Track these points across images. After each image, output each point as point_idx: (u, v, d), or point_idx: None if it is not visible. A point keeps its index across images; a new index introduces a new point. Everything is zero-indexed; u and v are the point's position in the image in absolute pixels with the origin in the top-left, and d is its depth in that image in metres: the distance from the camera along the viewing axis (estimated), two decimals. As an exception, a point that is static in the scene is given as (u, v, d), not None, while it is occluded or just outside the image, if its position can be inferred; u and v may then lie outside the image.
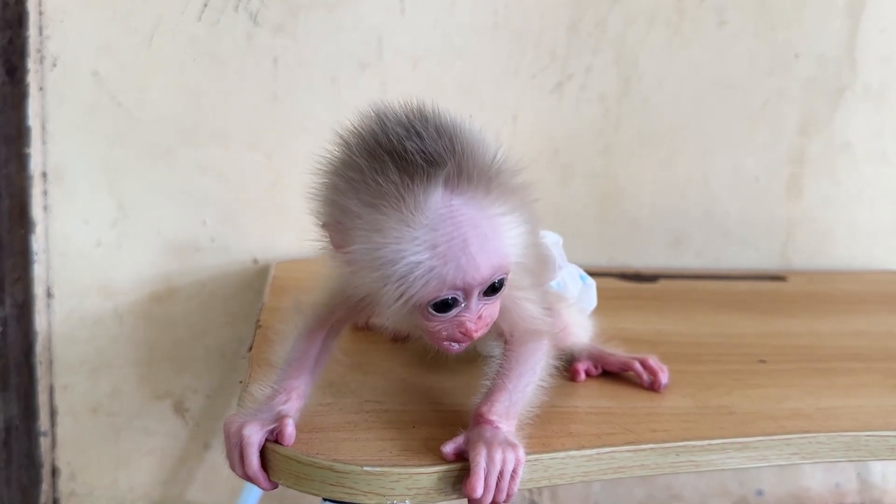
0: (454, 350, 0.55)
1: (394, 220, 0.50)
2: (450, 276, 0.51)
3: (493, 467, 0.51)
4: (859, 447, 0.62)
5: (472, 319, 0.53)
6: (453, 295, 0.52)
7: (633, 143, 1.06)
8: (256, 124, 0.96)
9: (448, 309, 0.53)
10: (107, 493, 1.02)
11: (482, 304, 0.54)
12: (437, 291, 0.51)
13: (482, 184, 0.51)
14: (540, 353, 0.58)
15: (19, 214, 0.93)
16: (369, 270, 0.52)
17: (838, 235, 1.13)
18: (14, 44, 0.89)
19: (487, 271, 0.52)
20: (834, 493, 1.16)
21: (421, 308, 0.53)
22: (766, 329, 0.86)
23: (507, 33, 1.00)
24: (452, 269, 0.50)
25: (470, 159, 0.50)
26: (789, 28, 1.06)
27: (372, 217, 0.50)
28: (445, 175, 0.50)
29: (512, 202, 0.53)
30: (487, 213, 0.51)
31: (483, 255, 0.51)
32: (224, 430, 0.55)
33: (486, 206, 0.51)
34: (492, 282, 0.53)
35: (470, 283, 0.51)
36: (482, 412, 0.55)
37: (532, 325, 0.59)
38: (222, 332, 1.00)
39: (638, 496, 1.12)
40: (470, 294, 0.53)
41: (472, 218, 0.51)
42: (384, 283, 0.51)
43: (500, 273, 0.53)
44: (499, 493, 0.52)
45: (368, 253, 0.51)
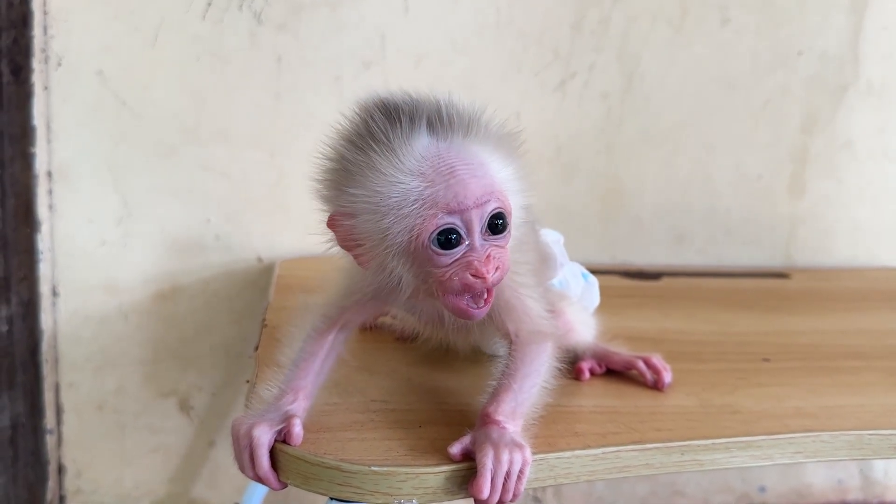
0: (474, 313, 0.54)
1: (382, 159, 0.52)
2: (441, 198, 0.52)
3: (500, 468, 0.52)
4: (863, 446, 0.62)
5: (479, 259, 0.53)
6: (451, 223, 0.52)
7: (635, 140, 1.06)
8: (260, 123, 0.97)
9: (452, 246, 0.53)
10: (112, 491, 1.02)
11: (489, 245, 0.54)
12: (434, 219, 0.52)
13: (466, 130, 0.54)
14: (545, 355, 0.58)
15: (25, 213, 0.93)
16: (368, 216, 0.53)
17: (841, 233, 1.13)
18: (19, 43, 0.89)
19: (478, 190, 0.52)
20: (836, 489, 1.17)
21: (426, 250, 0.53)
22: (770, 327, 0.86)
23: (509, 31, 1.00)
24: (442, 190, 0.52)
25: (453, 109, 0.54)
26: (792, 25, 1.06)
27: (363, 162, 0.53)
28: (429, 120, 0.53)
29: (498, 148, 0.55)
30: (472, 151, 0.54)
31: (472, 178, 0.53)
32: (232, 433, 0.55)
33: (470, 148, 0.54)
34: (489, 212, 0.53)
35: (463, 202, 0.52)
36: (489, 412, 0.55)
37: (537, 325, 0.59)
38: (227, 331, 1.00)
39: (641, 493, 1.13)
40: (469, 224, 0.53)
41: (459, 154, 0.53)
42: (383, 222, 0.52)
43: (493, 200, 0.53)
44: (505, 494, 0.52)
45: (364, 198, 0.53)
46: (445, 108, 0.54)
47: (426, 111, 0.53)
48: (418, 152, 0.52)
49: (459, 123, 0.54)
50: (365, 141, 0.53)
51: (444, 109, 0.54)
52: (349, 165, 0.54)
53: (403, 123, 0.53)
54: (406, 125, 0.53)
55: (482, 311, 0.55)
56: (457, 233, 0.53)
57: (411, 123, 0.53)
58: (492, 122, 0.56)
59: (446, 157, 0.53)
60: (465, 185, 0.52)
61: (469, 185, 0.52)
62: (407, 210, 0.52)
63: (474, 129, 0.54)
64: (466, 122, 0.54)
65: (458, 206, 0.52)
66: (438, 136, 0.53)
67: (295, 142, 0.97)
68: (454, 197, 0.52)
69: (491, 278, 0.53)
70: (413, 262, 0.54)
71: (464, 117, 0.54)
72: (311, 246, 0.58)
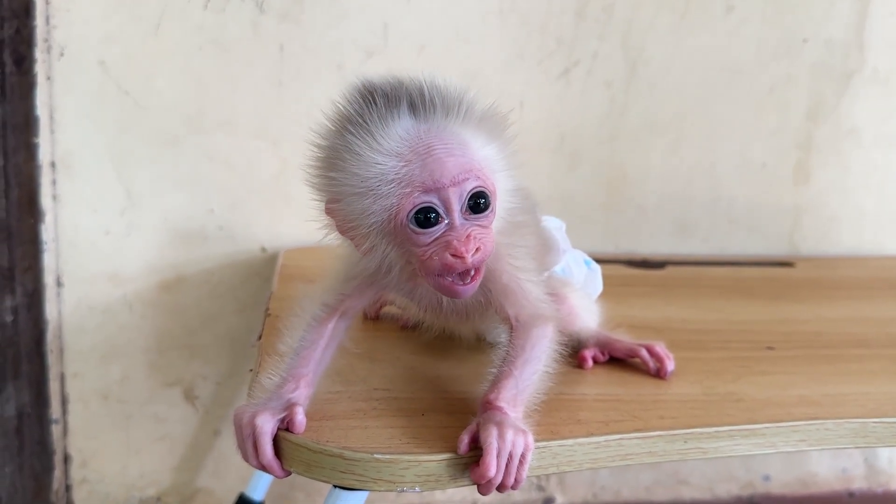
0: (459, 290, 0.54)
1: (359, 141, 0.53)
2: (417, 176, 0.52)
3: (504, 447, 0.52)
4: (867, 434, 0.62)
5: (459, 238, 0.53)
6: (428, 202, 0.53)
7: (639, 129, 1.06)
8: (263, 112, 0.97)
9: (430, 224, 0.53)
10: (118, 480, 1.02)
11: (469, 225, 0.53)
12: (410, 197, 0.52)
13: (448, 110, 0.54)
14: (546, 340, 0.58)
15: (28, 204, 0.93)
16: (351, 199, 0.53)
17: (845, 221, 1.13)
18: (21, 34, 0.89)
19: (455, 168, 0.52)
20: (841, 478, 1.17)
21: (405, 229, 0.53)
22: (774, 315, 0.86)
23: (513, 19, 1.00)
24: (419, 168, 0.52)
25: (435, 90, 0.54)
26: (797, 13, 1.06)
27: (341, 146, 0.53)
28: (410, 101, 0.53)
29: (482, 129, 0.55)
30: (453, 131, 0.54)
31: (450, 157, 0.53)
32: (235, 422, 0.55)
33: (452, 128, 0.54)
34: (468, 190, 0.53)
35: (439, 180, 0.52)
36: (490, 399, 0.55)
37: (537, 309, 0.59)
38: (231, 320, 1.01)
39: (645, 481, 1.13)
40: (448, 203, 0.53)
41: (438, 134, 0.53)
42: (363, 203, 0.53)
43: (472, 178, 0.53)
44: (507, 476, 0.52)
45: (345, 181, 0.53)
46: (428, 88, 0.54)
47: (407, 92, 0.53)
48: (396, 133, 0.53)
49: (442, 104, 0.54)
50: (343, 125, 0.54)
51: (426, 90, 0.53)
52: (330, 151, 0.54)
53: (380, 105, 0.53)
54: (383, 107, 0.53)
55: (469, 288, 0.54)
56: (435, 211, 0.53)
57: (389, 105, 0.53)
58: (477, 102, 0.55)
59: (425, 138, 0.53)
60: (441, 163, 0.52)
61: (446, 164, 0.52)
62: (385, 190, 0.52)
63: (457, 109, 0.54)
64: (449, 103, 0.54)
65: (433, 184, 0.52)
66: (419, 117, 0.53)
67: (298, 131, 0.95)
68: (430, 175, 0.52)
69: (470, 258, 0.53)
70: (396, 242, 0.55)
71: (446, 98, 0.54)
72: (314, 235, 0.58)
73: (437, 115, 0.53)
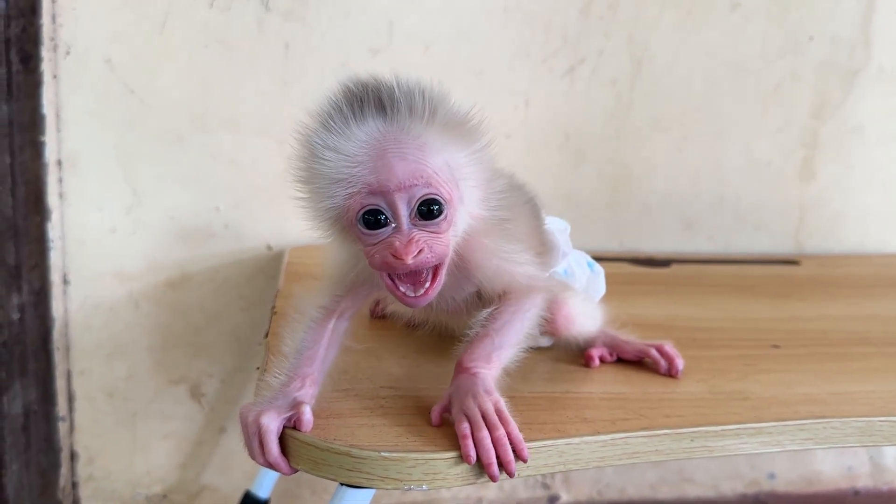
0: (409, 301, 0.54)
1: (321, 136, 0.53)
2: (365, 178, 0.52)
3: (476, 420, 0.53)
4: (873, 432, 0.62)
5: (401, 240, 0.53)
6: (374, 204, 0.53)
7: (644, 127, 1.05)
8: (268, 110, 0.97)
9: (378, 226, 0.53)
10: (124, 477, 1.03)
11: (417, 230, 0.53)
12: (358, 197, 0.53)
13: (413, 113, 0.53)
14: (529, 304, 0.59)
15: (35, 202, 0.93)
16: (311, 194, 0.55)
17: (851, 219, 1.13)
18: (28, 32, 0.89)
19: (404, 173, 0.52)
20: (846, 476, 1.17)
21: (354, 228, 0.54)
22: (779, 314, 0.86)
23: (518, 16, 1.00)
24: (367, 169, 0.53)
25: (406, 92, 0.54)
26: (802, 9, 1.05)
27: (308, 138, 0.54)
28: (378, 101, 0.53)
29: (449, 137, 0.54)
30: (416, 135, 0.53)
31: (400, 161, 0.53)
32: (241, 420, 0.56)
33: (415, 132, 0.53)
34: (418, 196, 0.53)
35: (385, 184, 0.52)
36: (461, 360, 0.57)
37: (527, 283, 0.60)
38: (237, 318, 1.01)
39: (650, 479, 1.13)
40: (394, 207, 0.53)
41: (397, 138, 0.53)
42: (320, 199, 0.54)
43: (423, 185, 0.53)
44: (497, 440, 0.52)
45: (306, 173, 0.55)
46: (400, 90, 0.53)
47: (375, 93, 0.53)
48: (356, 134, 0.53)
49: (409, 107, 0.53)
50: (312, 120, 0.55)
51: (396, 91, 0.53)
52: (301, 145, 0.55)
53: (345, 104, 0.53)
54: (347, 106, 0.53)
55: (421, 300, 0.55)
56: (382, 214, 0.53)
57: (354, 105, 0.53)
58: (451, 108, 0.55)
59: (382, 140, 0.53)
60: (390, 167, 0.52)
61: (394, 168, 0.52)
62: (335, 189, 0.53)
63: (424, 113, 0.53)
64: (417, 106, 0.53)
65: (379, 188, 0.53)
66: (385, 119, 0.53)
67: (303, 129, 0.97)
68: (376, 178, 0.53)
69: (410, 261, 0.53)
70: (351, 238, 0.55)
71: (415, 101, 0.54)
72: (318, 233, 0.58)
73: (402, 117, 0.53)
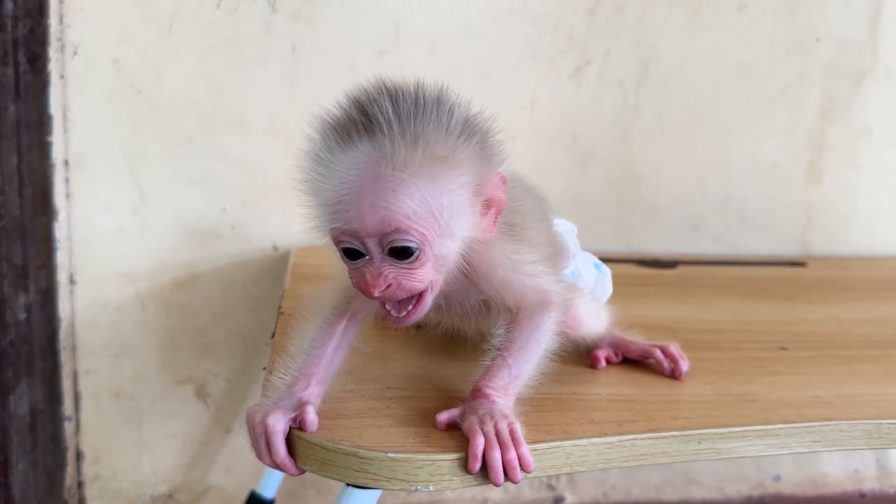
0: (395, 320, 0.56)
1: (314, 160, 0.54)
2: (340, 219, 0.53)
3: (489, 432, 0.53)
4: (881, 435, 0.62)
5: (372, 273, 0.54)
6: (349, 242, 0.54)
7: (651, 128, 1.05)
8: (275, 111, 0.97)
9: (355, 257, 0.55)
10: (130, 477, 1.03)
11: (388, 265, 0.54)
12: (337, 232, 0.54)
13: (406, 145, 0.52)
14: (545, 327, 0.59)
15: (42, 202, 0.93)
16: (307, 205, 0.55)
17: (858, 221, 1.12)
18: (35, 33, 0.90)
19: (371, 223, 0.53)
20: (852, 478, 1.16)
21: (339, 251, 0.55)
22: (786, 316, 0.86)
23: (525, 18, 1.00)
24: (343, 213, 0.53)
25: (402, 119, 0.52)
26: (810, 11, 1.05)
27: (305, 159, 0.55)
28: (368, 125, 0.52)
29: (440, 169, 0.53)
30: (398, 170, 0.52)
31: (372, 208, 0.52)
32: (247, 421, 0.56)
33: (400, 164, 0.52)
34: (388, 241, 0.53)
35: (356, 231, 0.53)
36: (479, 386, 0.56)
37: (542, 296, 0.59)
38: (243, 318, 1.01)
39: (655, 480, 1.13)
40: (367, 245, 0.54)
41: (378, 174, 0.52)
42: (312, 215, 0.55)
43: (394, 231, 0.53)
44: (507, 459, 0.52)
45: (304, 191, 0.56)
46: (393, 113, 0.52)
47: (369, 117, 0.52)
48: (341, 162, 0.53)
49: (401, 134, 0.52)
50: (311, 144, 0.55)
51: (390, 116, 0.52)
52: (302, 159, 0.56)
53: (338, 132, 0.53)
54: (339, 131, 0.53)
55: (403, 321, 0.56)
56: (359, 251, 0.54)
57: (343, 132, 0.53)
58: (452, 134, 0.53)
59: (364, 175, 0.52)
60: (361, 214, 0.52)
61: (366, 217, 0.52)
62: (321, 216, 0.55)
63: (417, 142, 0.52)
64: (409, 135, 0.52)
65: (352, 232, 0.53)
66: (374, 144, 0.52)
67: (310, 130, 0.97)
68: (348, 224, 0.53)
69: (376, 293, 0.54)
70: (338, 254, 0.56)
71: (409, 128, 0.52)
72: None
73: (394, 146, 0.52)
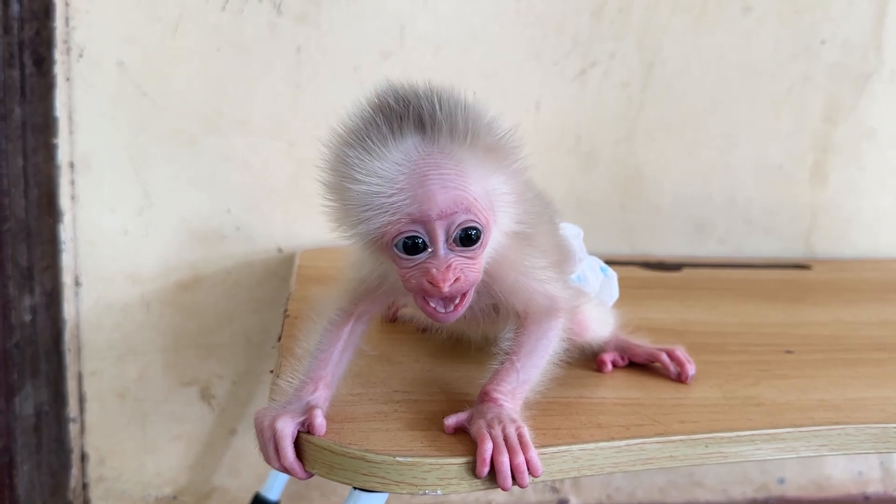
0: (440, 317, 0.54)
1: (359, 156, 0.52)
2: (406, 206, 0.52)
3: (497, 436, 0.52)
4: (888, 439, 0.62)
5: (438, 267, 0.52)
6: (414, 232, 0.52)
7: (656, 129, 1.05)
8: (280, 113, 0.97)
9: (416, 251, 0.53)
10: (134, 478, 1.03)
11: (454, 256, 0.53)
12: (397, 224, 0.52)
13: (455, 134, 0.52)
14: (553, 332, 0.59)
15: (47, 204, 0.93)
16: (346, 210, 0.54)
17: (863, 223, 1.12)
18: (41, 35, 0.90)
19: (445, 202, 0.52)
20: (856, 481, 1.16)
21: (390, 250, 0.53)
22: (792, 318, 0.86)
23: (529, 19, 1.00)
24: (409, 197, 0.52)
25: (447, 110, 0.52)
26: (814, 13, 1.05)
27: (345, 156, 0.53)
28: (419, 120, 0.52)
29: (487, 160, 0.54)
30: (454, 159, 0.52)
31: (441, 189, 0.52)
32: (256, 426, 0.56)
33: (455, 154, 0.52)
34: (457, 224, 0.52)
35: (427, 213, 0.52)
36: (487, 390, 0.56)
37: (550, 303, 0.59)
38: (248, 320, 1.01)
39: (659, 483, 1.13)
40: (433, 234, 0.52)
41: (437, 162, 0.52)
42: (355, 218, 0.53)
43: (462, 212, 0.52)
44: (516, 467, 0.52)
45: (341, 190, 0.53)
46: (439, 108, 0.52)
47: (415, 111, 0.52)
48: (394, 156, 0.52)
49: (450, 128, 0.52)
50: (348, 136, 0.53)
51: (436, 110, 0.52)
52: (334, 157, 0.54)
53: (384, 124, 0.52)
54: (386, 126, 0.52)
55: (450, 317, 0.54)
56: (421, 239, 0.53)
57: (393, 124, 0.52)
58: (490, 127, 0.54)
59: (422, 164, 0.52)
60: (431, 195, 0.51)
61: (436, 197, 0.51)
62: (373, 213, 0.52)
63: (465, 135, 0.52)
64: (458, 127, 0.52)
65: (421, 217, 0.52)
66: (424, 138, 0.52)
67: (314, 132, 0.96)
68: (419, 207, 0.52)
69: (446, 288, 0.52)
70: (384, 257, 0.55)
71: (456, 121, 0.52)
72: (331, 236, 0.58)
73: (443, 138, 0.52)
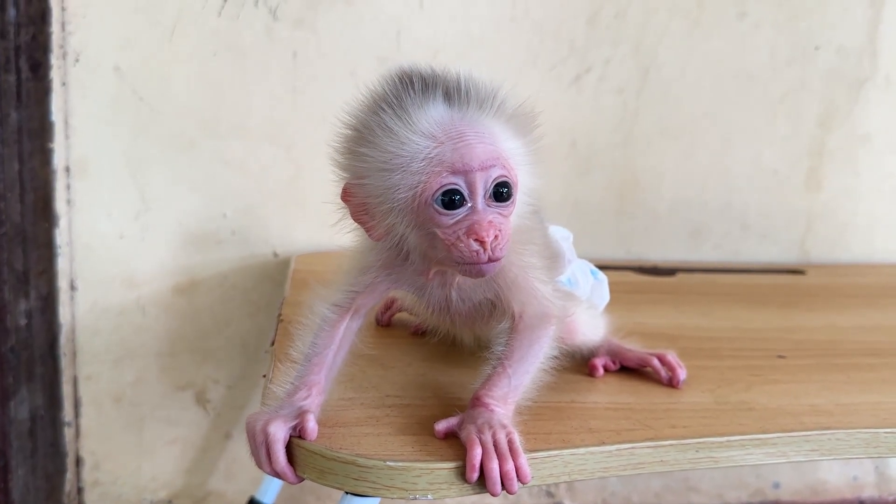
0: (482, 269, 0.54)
1: (395, 119, 0.54)
2: (447, 157, 0.54)
3: (486, 441, 0.53)
4: (879, 444, 0.62)
5: (479, 222, 0.54)
6: (455, 183, 0.54)
7: (651, 135, 1.06)
8: (276, 117, 0.97)
9: (454, 206, 0.54)
10: (130, 482, 1.03)
11: (491, 211, 0.55)
12: (438, 176, 0.53)
13: (481, 103, 0.56)
14: (545, 339, 0.59)
15: (43, 208, 0.94)
16: (377, 174, 0.55)
17: (857, 228, 1.12)
18: (37, 40, 0.90)
19: (484, 154, 0.54)
20: (851, 486, 1.16)
21: (429, 208, 0.54)
22: (785, 323, 0.86)
23: (525, 25, 1.00)
24: (449, 150, 0.54)
25: (471, 82, 0.56)
26: (810, 19, 1.05)
27: (375, 123, 0.55)
28: (445, 89, 0.55)
29: (510, 124, 0.57)
30: (484, 122, 0.55)
31: (480, 143, 0.54)
32: (247, 430, 0.56)
33: (483, 119, 0.55)
34: (493, 178, 0.54)
35: (468, 164, 0.53)
36: (479, 395, 0.56)
37: (542, 307, 0.60)
38: (243, 324, 1.01)
39: (654, 488, 1.13)
40: (473, 187, 0.54)
41: (470, 122, 0.55)
42: (391, 179, 0.54)
43: (499, 166, 0.54)
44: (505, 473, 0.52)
45: (374, 157, 0.55)
46: (464, 80, 0.56)
47: (443, 81, 0.55)
48: (431, 116, 0.54)
49: (475, 96, 0.55)
50: (379, 104, 0.55)
51: (462, 81, 0.55)
52: (362, 128, 0.56)
53: (418, 89, 0.55)
54: (420, 91, 0.55)
55: (491, 267, 0.55)
56: (460, 194, 0.54)
57: (426, 90, 0.55)
58: (508, 100, 0.57)
59: (458, 124, 0.54)
60: (471, 148, 0.54)
61: (475, 149, 0.54)
62: (414, 167, 0.54)
63: (489, 103, 0.56)
64: (482, 96, 0.56)
65: (462, 167, 0.54)
66: (453, 105, 0.55)
67: (311, 136, 0.97)
68: (460, 158, 0.54)
69: (490, 242, 0.54)
70: (418, 222, 0.55)
71: (481, 91, 0.56)
72: (326, 240, 0.59)
73: (471, 105, 0.55)
